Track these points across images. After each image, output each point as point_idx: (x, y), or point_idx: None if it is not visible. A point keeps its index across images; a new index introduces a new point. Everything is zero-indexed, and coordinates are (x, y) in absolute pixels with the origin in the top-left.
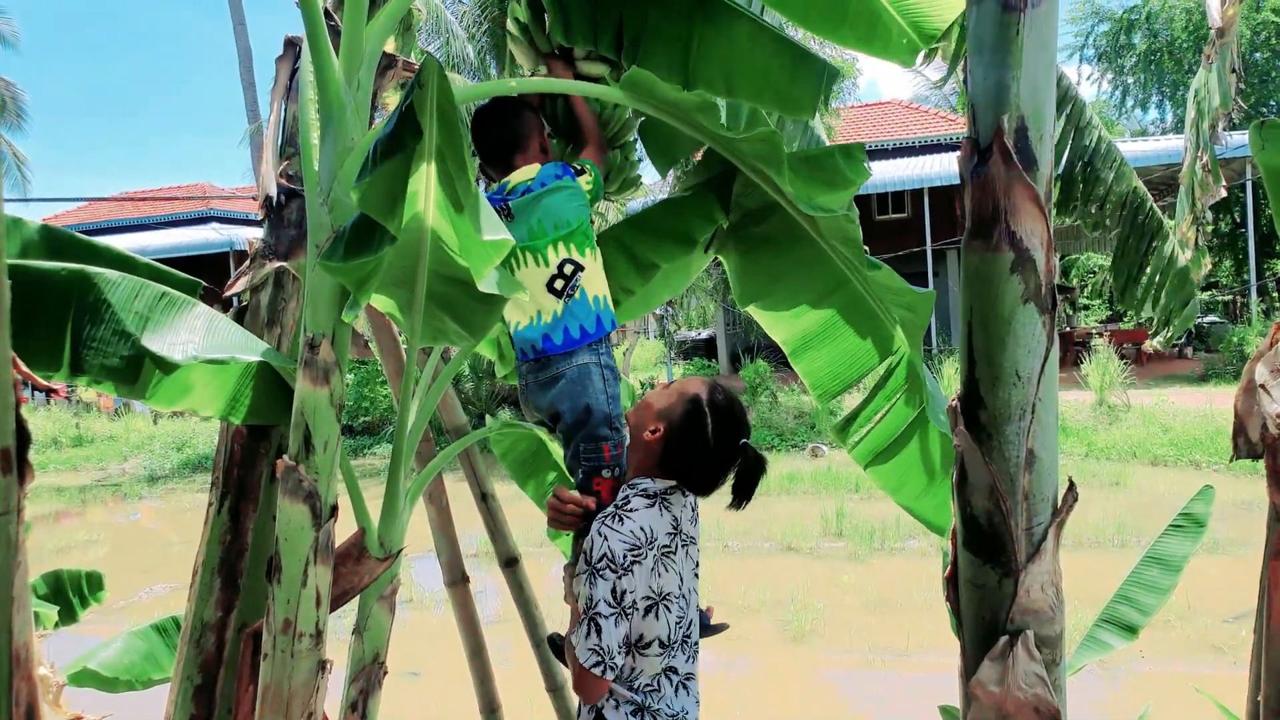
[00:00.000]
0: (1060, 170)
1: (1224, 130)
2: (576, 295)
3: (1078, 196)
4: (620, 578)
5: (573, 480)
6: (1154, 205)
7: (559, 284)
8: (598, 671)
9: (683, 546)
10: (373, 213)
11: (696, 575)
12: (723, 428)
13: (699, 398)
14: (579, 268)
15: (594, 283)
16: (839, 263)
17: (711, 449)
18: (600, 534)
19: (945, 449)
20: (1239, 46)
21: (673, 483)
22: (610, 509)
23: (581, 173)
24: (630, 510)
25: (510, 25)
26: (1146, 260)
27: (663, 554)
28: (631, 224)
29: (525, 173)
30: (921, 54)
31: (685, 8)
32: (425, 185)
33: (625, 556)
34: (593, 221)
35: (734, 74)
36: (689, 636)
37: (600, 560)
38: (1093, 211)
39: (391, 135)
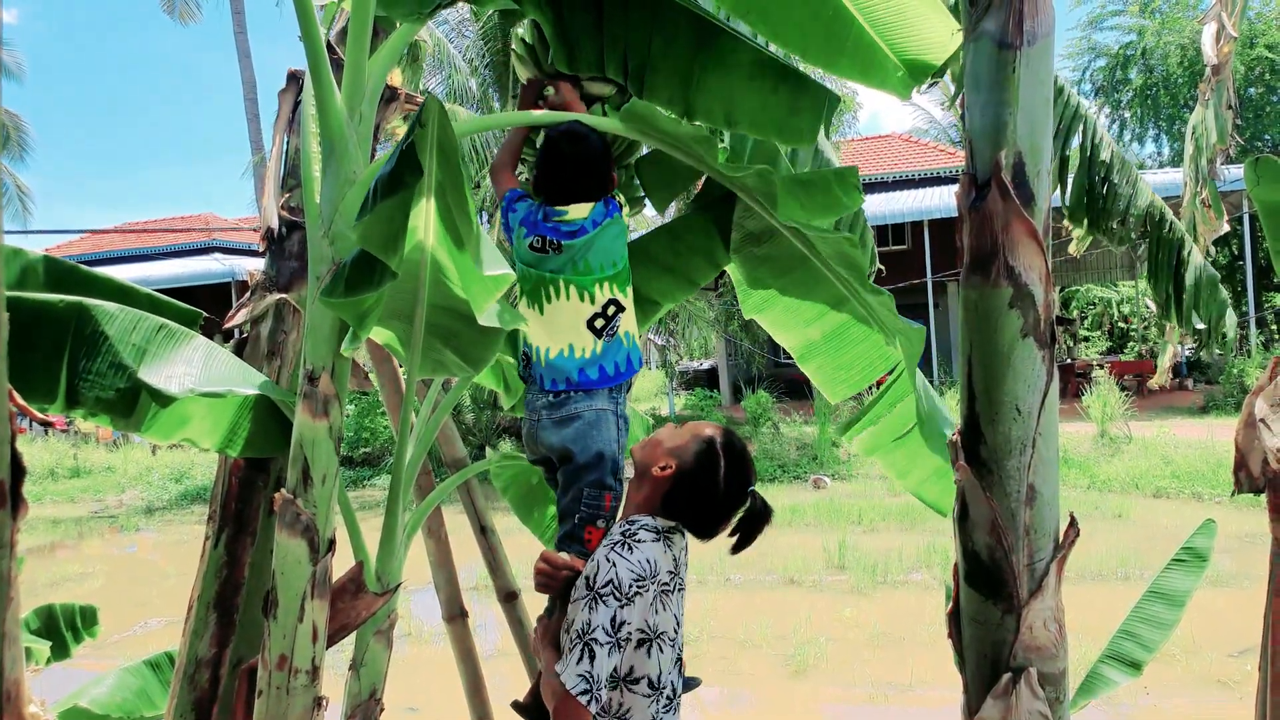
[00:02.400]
0: (1085, 186)
1: (1221, 165)
2: (616, 335)
3: (1101, 210)
4: (622, 607)
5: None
6: (1174, 219)
7: (599, 323)
8: (584, 700)
9: (679, 590)
10: (373, 249)
11: (679, 620)
12: (733, 472)
13: (714, 440)
14: (620, 308)
15: (629, 321)
16: (838, 285)
17: (721, 492)
18: (609, 560)
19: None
20: (1233, 82)
21: (674, 524)
22: (618, 537)
23: (623, 206)
24: (639, 541)
25: (515, 45)
26: (1181, 273)
27: (662, 591)
28: (634, 254)
29: (583, 209)
30: (922, 86)
31: (689, 38)
32: (425, 219)
33: (631, 586)
34: None
35: (734, 105)
36: (672, 681)
37: (605, 586)
38: (1114, 226)
39: (392, 173)
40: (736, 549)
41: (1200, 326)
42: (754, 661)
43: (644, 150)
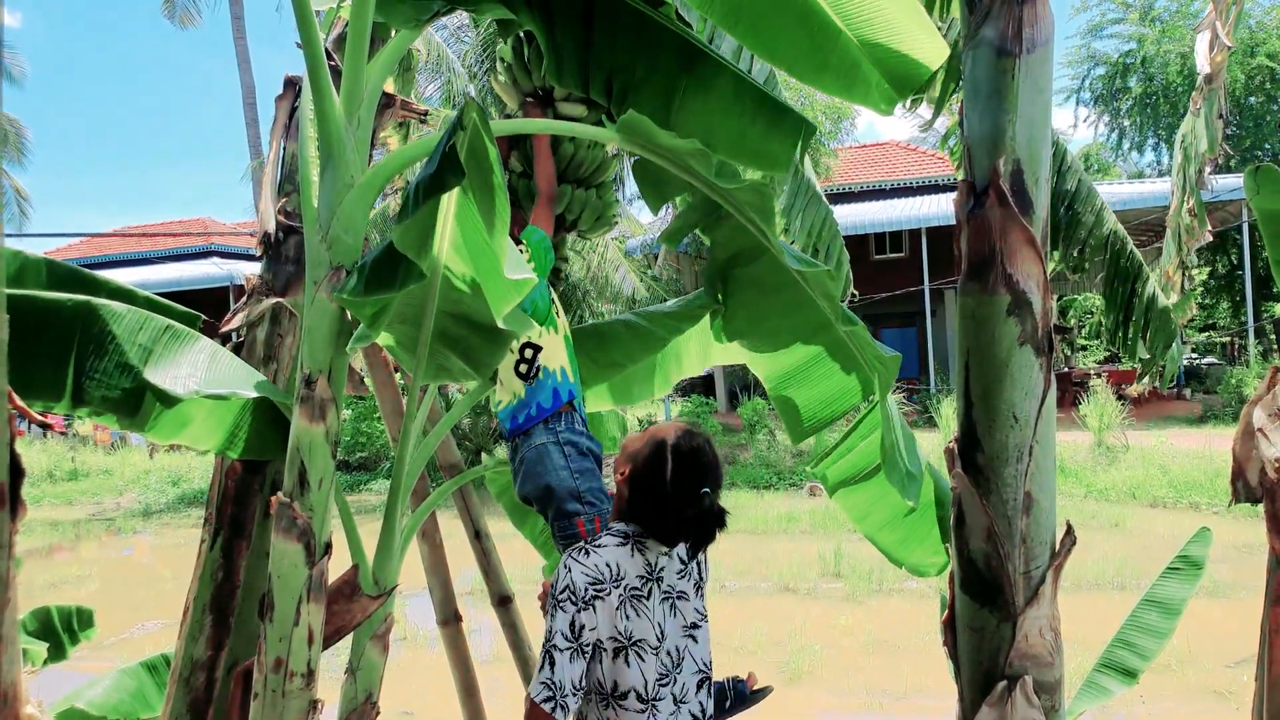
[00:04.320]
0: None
1: (1210, 175)
2: (540, 375)
3: (1059, 240)
4: (580, 611)
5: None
6: (1134, 248)
7: (523, 368)
8: (548, 707)
9: (663, 596)
10: (409, 252)
11: (693, 637)
12: (682, 473)
13: (663, 442)
14: (537, 350)
15: (553, 357)
16: (824, 308)
17: (670, 494)
18: (565, 566)
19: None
20: (1231, 91)
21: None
22: (579, 543)
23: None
24: (599, 545)
25: (498, 64)
26: (1132, 303)
27: (632, 595)
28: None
29: None
30: (905, 102)
31: (672, 62)
32: (443, 224)
33: (587, 590)
34: (555, 284)
35: (713, 130)
36: (682, 701)
37: (562, 592)
38: (1074, 254)
39: (434, 176)
40: (691, 553)
41: (1145, 357)
42: (749, 668)
43: (612, 171)
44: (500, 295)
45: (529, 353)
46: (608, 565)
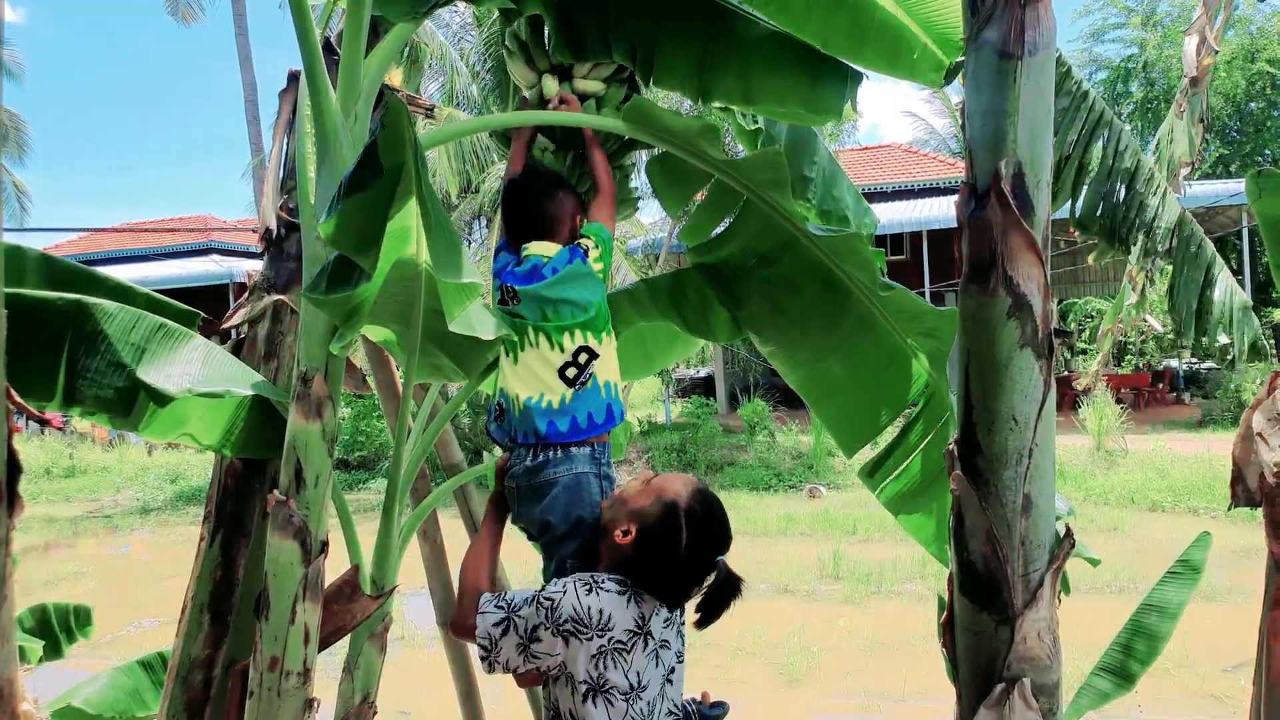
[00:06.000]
0: (1101, 194)
1: (1184, 179)
2: (589, 384)
3: (1120, 221)
4: (545, 629)
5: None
6: (1205, 236)
7: (571, 372)
8: (482, 656)
9: (647, 651)
10: (345, 250)
11: (670, 680)
12: (698, 541)
13: (676, 505)
14: (593, 355)
15: (606, 368)
16: (857, 292)
17: (684, 563)
18: (564, 588)
19: None
20: (1232, 97)
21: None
22: (587, 576)
23: (589, 251)
24: (603, 587)
25: (508, 41)
26: (1207, 292)
27: (614, 648)
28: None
29: (543, 249)
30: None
31: (702, 21)
32: (415, 223)
33: (566, 622)
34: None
35: (753, 83)
36: None
37: (546, 600)
38: (1140, 238)
39: (354, 174)
40: (701, 624)
41: (1224, 341)
42: (747, 670)
43: (639, 151)
44: (452, 299)
45: (584, 357)
46: (599, 613)
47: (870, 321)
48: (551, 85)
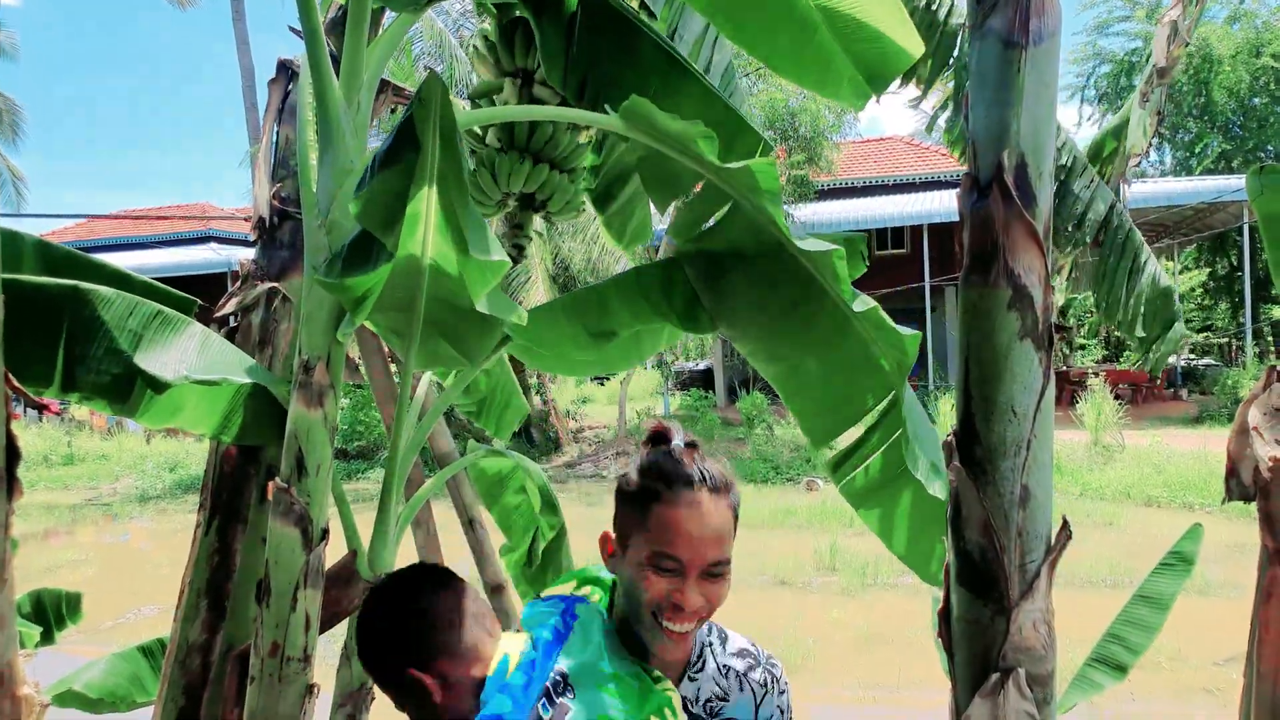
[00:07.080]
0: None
1: (1132, 169)
2: None
3: (1056, 213)
4: None
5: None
6: (1133, 225)
7: None
8: None
9: None
10: (371, 226)
11: None
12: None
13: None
14: None
15: None
16: (836, 300)
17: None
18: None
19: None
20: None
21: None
22: None
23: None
24: None
25: (478, 41)
26: (1132, 279)
27: None
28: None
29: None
30: (878, 98)
31: (650, 67)
32: (426, 208)
33: None
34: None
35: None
36: None
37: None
38: (1069, 230)
39: (390, 149)
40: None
41: (1142, 335)
42: None
43: (584, 160)
44: (476, 279)
45: None
46: None
47: (846, 325)
48: (511, 89)
